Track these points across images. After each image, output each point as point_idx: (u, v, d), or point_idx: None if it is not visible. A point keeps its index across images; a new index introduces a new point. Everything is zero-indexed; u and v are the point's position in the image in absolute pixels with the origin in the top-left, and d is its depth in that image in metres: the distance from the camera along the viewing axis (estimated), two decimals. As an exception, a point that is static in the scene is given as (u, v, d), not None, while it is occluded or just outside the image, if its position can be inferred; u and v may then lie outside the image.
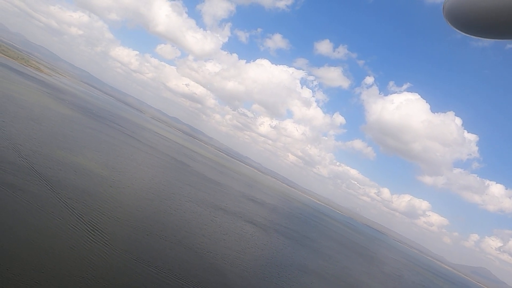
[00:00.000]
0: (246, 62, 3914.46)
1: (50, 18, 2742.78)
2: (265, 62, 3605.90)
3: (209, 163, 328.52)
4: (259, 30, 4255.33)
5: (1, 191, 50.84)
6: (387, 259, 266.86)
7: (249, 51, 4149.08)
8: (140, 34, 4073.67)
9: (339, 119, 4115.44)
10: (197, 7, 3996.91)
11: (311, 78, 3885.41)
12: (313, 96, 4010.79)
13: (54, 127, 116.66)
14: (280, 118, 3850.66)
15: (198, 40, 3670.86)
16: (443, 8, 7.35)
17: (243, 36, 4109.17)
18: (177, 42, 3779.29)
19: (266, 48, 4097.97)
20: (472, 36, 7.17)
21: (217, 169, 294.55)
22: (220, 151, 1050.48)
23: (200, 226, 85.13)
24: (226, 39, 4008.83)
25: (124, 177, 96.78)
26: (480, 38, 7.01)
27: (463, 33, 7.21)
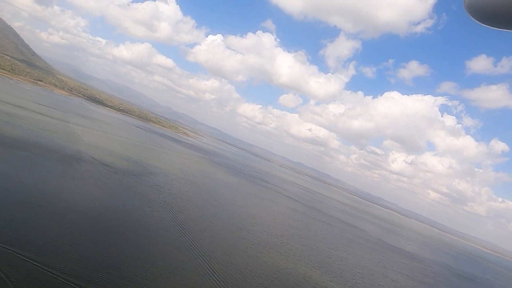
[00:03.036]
0: (373, 98, 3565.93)
1: (189, 89, 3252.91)
2: (394, 95, 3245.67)
3: (366, 216, 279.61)
4: (391, 61, 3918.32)
5: None
6: None
7: (375, 86, 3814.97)
8: (264, 88, 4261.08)
9: (499, 146, 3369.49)
10: (319, 53, 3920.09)
11: (455, 103, 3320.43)
12: (459, 123, 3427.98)
13: (228, 206, 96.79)
14: (417, 152, 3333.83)
15: (320, 84, 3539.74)
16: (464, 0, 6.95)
17: (369, 71, 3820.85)
18: (299, 89, 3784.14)
19: (398, 79, 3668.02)
20: (493, 28, 6.70)
21: (380, 225, 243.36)
22: (354, 195, 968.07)
23: None
24: (348, 79, 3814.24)
25: (331, 279, 64.28)
26: (501, 30, 6.53)
27: (484, 25, 6.71)
